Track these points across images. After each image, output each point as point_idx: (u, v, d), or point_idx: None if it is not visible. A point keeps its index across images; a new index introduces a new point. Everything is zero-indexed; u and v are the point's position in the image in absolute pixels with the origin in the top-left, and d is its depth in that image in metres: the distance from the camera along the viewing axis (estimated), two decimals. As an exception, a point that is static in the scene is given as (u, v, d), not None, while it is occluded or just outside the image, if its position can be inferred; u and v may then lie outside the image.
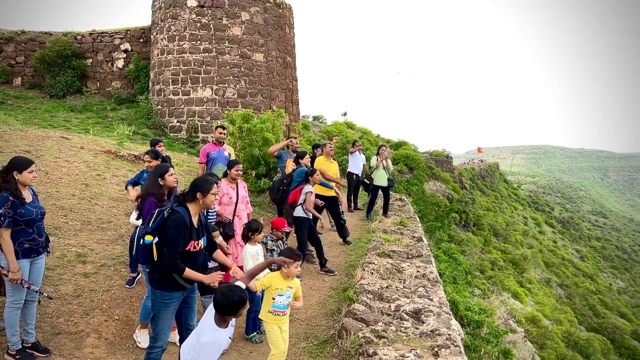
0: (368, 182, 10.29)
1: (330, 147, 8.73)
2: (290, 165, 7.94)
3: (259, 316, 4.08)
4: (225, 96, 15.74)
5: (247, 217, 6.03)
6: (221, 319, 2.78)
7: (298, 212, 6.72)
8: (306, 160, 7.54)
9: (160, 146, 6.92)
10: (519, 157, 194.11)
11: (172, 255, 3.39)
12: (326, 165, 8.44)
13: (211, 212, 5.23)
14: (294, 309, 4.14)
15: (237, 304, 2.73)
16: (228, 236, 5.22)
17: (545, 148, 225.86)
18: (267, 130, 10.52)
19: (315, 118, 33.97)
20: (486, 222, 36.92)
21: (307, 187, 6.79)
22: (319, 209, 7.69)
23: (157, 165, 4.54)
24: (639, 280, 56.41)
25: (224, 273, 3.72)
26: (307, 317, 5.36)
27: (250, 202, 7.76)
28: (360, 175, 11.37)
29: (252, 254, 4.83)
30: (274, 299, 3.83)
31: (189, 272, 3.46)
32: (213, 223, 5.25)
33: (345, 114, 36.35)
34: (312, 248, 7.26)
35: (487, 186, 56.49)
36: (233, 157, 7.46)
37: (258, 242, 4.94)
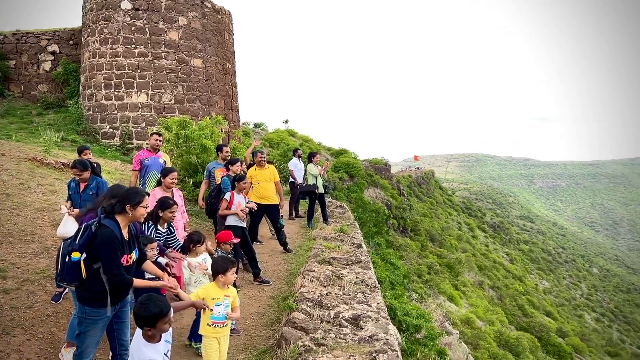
0: (317, 191, 10.31)
1: (261, 156, 8.49)
2: (219, 175, 7.73)
3: (199, 332, 3.95)
4: (161, 102, 15.31)
5: (184, 227, 5.86)
6: (145, 334, 2.64)
7: (229, 220, 6.60)
8: (236, 167, 7.36)
9: (86, 154, 6.59)
10: (452, 165, 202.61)
11: (116, 271, 3.23)
12: (257, 173, 8.22)
13: (170, 237, 5.06)
14: (233, 320, 4.06)
15: (153, 315, 2.60)
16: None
17: (477, 156, 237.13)
18: (205, 138, 10.33)
19: (256, 125, 33.80)
20: (423, 228, 38.09)
21: (226, 195, 6.69)
22: (255, 216, 7.61)
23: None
24: (562, 281, 60.37)
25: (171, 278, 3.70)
26: (246, 328, 5.27)
27: (187, 211, 7.54)
28: (302, 183, 11.41)
29: (194, 266, 4.71)
30: (211, 310, 3.73)
31: (137, 282, 3.43)
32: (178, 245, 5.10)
33: (286, 122, 36.46)
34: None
35: (424, 193, 58.43)
36: (169, 165, 7.23)
37: (200, 254, 4.82)
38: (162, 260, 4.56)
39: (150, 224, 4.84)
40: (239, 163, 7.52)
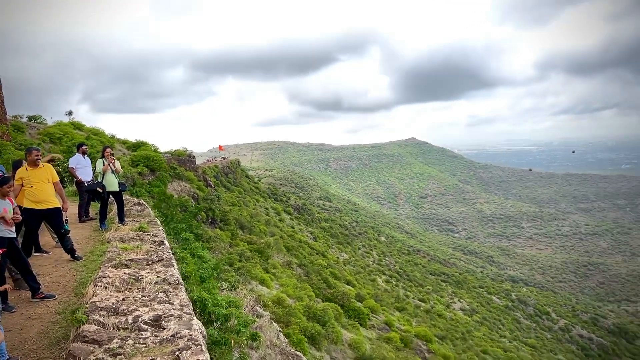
0: (102, 190, 9.42)
1: (37, 154, 7.26)
2: None
3: None
4: None
5: None
6: None
7: None
8: None
9: None
10: (257, 153, 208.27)
11: None
12: (30, 174, 7.05)
13: None
14: None
15: None
16: None
17: (279, 144, 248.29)
18: (-44, 135, 8.46)
19: (31, 118, 29.13)
20: (232, 217, 38.31)
21: None
22: (31, 223, 6.60)
23: None
24: (358, 251, 67.75)
25: None
26: (25, 352, 4.54)
27: None
28: (90, 181, 10.36)
29: None
30: None
31: None
32: None
33: (70, 113, 32.38)
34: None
35: (231, 182, 58.72)
36: None
37: None
38: None
39: None
40: None
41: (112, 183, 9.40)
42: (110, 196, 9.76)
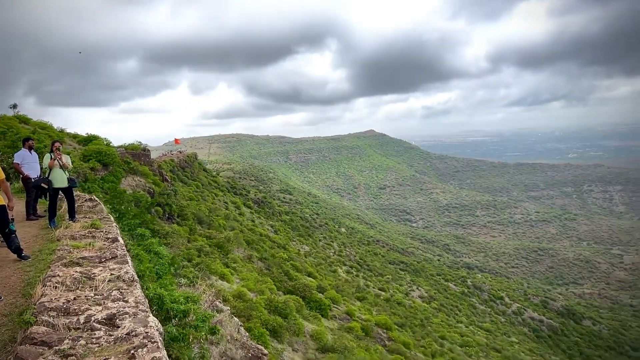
0: (46, 185, 9.04)
1: None
2: None
3: None
4: None
5: None
6: None
7: None
8: None
9: None
10: (215, 147, 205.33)
11: None
12: None
13: None
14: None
15: None
16: None
17: (238, 137, 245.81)
18: None
19: (-29, 113, 27.48)
20: (190, 212, 37.61)
21: None
22: None
23: None
24: (319, 243, 68.12)
25: None
26: (-32, 359, 4.30)
27: None
28: (38, 177, 9.93)
29: None
30: None
31: None
32: None
33: (14, 107, 30.75)
34: None
35: (188, 176, 57.56)
36: None
37: None
38: None
39: None
40: None
41: (60, 179, 9.02)
42: (60, 192, 9.39)
